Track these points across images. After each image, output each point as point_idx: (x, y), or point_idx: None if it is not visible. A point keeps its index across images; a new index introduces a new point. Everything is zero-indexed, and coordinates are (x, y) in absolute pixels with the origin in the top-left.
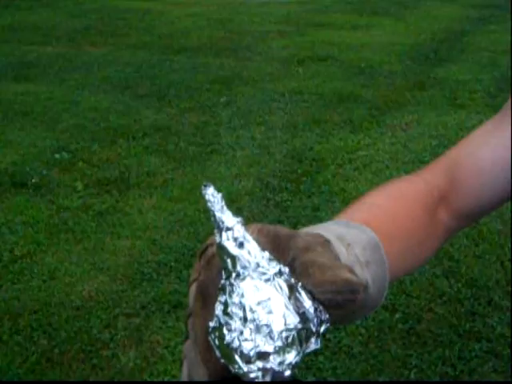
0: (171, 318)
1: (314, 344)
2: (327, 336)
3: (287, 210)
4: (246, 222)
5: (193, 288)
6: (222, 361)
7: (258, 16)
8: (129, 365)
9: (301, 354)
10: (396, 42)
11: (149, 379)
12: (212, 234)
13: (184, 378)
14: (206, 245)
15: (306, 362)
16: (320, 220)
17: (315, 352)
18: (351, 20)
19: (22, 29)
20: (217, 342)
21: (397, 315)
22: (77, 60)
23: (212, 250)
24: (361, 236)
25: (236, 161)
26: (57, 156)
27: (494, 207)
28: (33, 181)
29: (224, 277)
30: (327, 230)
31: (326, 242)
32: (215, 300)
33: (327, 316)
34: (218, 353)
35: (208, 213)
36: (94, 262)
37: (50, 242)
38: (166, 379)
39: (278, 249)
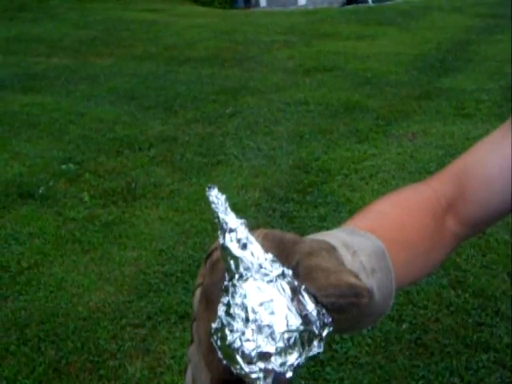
0: (178, 329)
1: (316, 347)
2: (334, 347)
3: (293, 220)
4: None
5: (197, 292)
6: (224, 362)
7: (263, 26)
8: (136, 375)
9: (303, 356)
10: (402, 52)
11: None
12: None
13: (188, 381)
14: (211, 250)
15: (313, 372)
16: (326, 230)
17: (322, 362)
18: (357, 30)
19: (28, 40)
20: (219, 342)
21: (404, 325)
22: (83, 71)
23: (217, 254)
24: (366, 243)
25: (242, 171)
26: (63, 167)
27: (501, 216)
28: (39, 192)
29: (227, 278)
30: (333, 236)
31: (332, 249)
32: (218, 304)
33: (330, 319)
34: (220, 354)
35: (214, 224)
36: (101, 272)
37: (57, 252)
38: None
39: (282, 254)
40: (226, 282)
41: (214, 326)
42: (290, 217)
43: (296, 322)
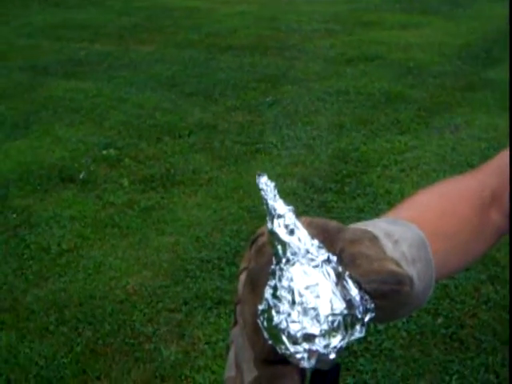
0: (213, 315)
1: (358, 332)
2: (368, 339)
3: (331, 210)
4: None
5: (242, 276)
6: (270, 342)
7: (305, 15)
8: (170, 359)
9: (346, 340)
10: (446, 42)
11: (189, 374)
12: (255, 231)
13: (230, 362)
14: (257, 234)
15: (347, 363)
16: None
17: (355, 353)
18: (400, 19)
19: (72, 27)
20: (265, 323)
21: (439, 320)
22: (125, 58)
23: (262, 239)
24: (408, 233)
25: (280, 160)
26: (104, 152)
27: None
28: (80, 176)
29: (274, 262)
30: (375, 226)
31: (374, 238)
32: (264, 287)
33: (372, 305)
34: (265, 334)
35: (251, 212)
36: (139, 257)
37: (96, 236)
38: (206, 374)
39: (326, 241)
40: (273, 266)
41: (260, 307)
42: (328, 207)
43: (340, 305)
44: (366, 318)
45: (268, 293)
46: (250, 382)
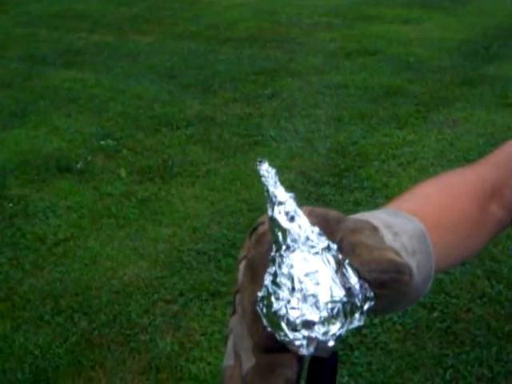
0: (209, 306)
1: (357, 320)
2: (363, 331)
3: (329, 204)
4: None
5: (242, 265)
6: (269, 329)
7: (305, 8)
8: (166, 350)
9: (345, 327)
10: (446, 37)
11: (184, 365)
12: (252, 223)
13: (229, 350)
14: (257, 223)
15: (341, 356)
16: None
17: (350, 346)
18: (401, 14)
19: (71, 17)
20: (264, 310)
21: (435, 314)
22: (123, 48)
23: (263, 228)
24: (408, 225)
25: (279, 153)
26: (102, 143)
27: None
28: (78, 166)
29: (274, 249)
30: (375, 217)
31: (374, 228)
32: (263, 275)
33: (372, 294)
34: (265, 321)
35: (249, 204)
36: (135, 247)
37: (93, 226)
38: (201, 366)
39: (326, 230)
40: (273, 253)
41: (260, 294)
42: (326, 200)
43: (340, 293)
44: (366, 307)
45: (268, 280)
46: (248, 371)
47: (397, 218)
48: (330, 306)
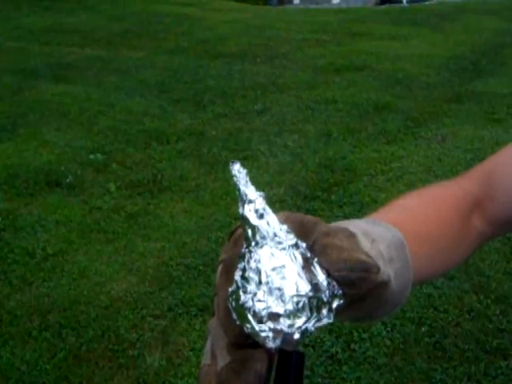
0: (198, 321)
1: (326, 317)
2: (352, 346)
3: None
4: None
5: (220, 267)
6: (238, 322)
7: (295, 24)
8: (154, 365)
9: (312, 322)
10: (434, 54)
11: (173, 380)
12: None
13: (207, 350)
14: (234, 227)
15: (330, 371)
16: None
17: (339, 361)
18: (389, 30)
19: (62, 31)
20: (233, 304)
21: (423, 328)
22: (114, 63)
23: (240, 230)
24: (386, 234)
25: (268, 168)
26: (91, 157)
27: None
28: (67, 180)
29: (244, 246)
30: (354, 225)
31: (351, 235)
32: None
33: (340, 292)
34: (234, 315)
35: (238, 219)
36: (124, 262)
37: (82, 241)
38: (190, 381)
39: (302, 233)
40: (243, 249)
41: (230, 289)
42: (315, 215)
43: (305, 287)
44: (334, 304)
45: (237, 275)
46: (222, 368)
47: (375, 227)
48: (295, 299)
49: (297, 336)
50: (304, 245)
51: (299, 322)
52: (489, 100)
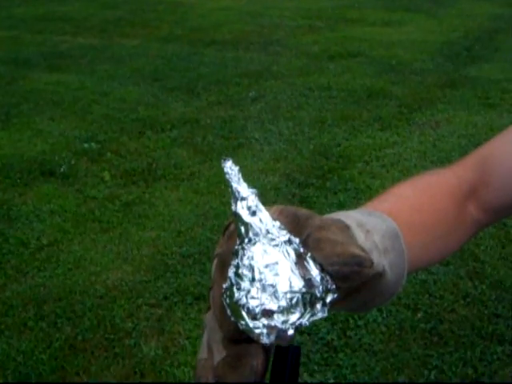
0: (193, 310)
1: (320, 312)
2: (348, 333)
3: (313, 206)
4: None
5: (215, 261)
6: (232, 318)
7: (289, 10)
8: (150, 354)
9: (306, 317)
10: (428, 40)
11: (169, 369)
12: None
13: (203, 344)
14: (229, 222)
15: (326, 358)
16: None
17: (335, 348)
18: (383, 16)
19: (55, 19)
20: (227, 300)
21: (419, 315)
22: (108, 51)
23: (234, 225)
24: (381, 225)
25: (263, 155)
26: (85, 146)
27: None
28: (61, 170)
29: (238, 242)
30: (348, 216)
31: (345, 227)
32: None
33: (334, 286)
34: (228, 311)
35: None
36: (119, 251)
37: (77, 230)
38: (186, 370)
39: (296, 227)
40: (236, 246)
41: (224, 286)
42: (309, 202)
43: (299, 283)
44: (328, 299)
45: (231, 272)
46: (218, 362)
47: (370, 218)
48: (288, 295)
49: (291, 332)
50: (297, 240)
51: (293, 317)
52: (482, 85)
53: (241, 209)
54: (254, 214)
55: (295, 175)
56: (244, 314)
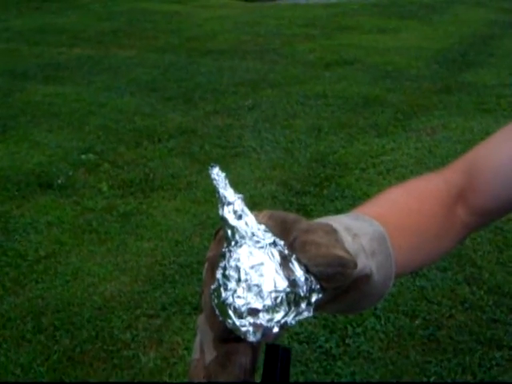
0: (192, 320)
1: (306, 311)
2: (346, 341)
3: (310, 214)
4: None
5: (206, 265)
6: (220, 318)
7: (284, 19)
8: (149, 365)
9: (290, 316)
10: (423, 46)
11: (168, 380)
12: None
13: (196, 346)
14: (220, 226)
15: (325, 366)
16: None
17: (333, 356)
18: (378, 23)
19: (52, 31)
20: (215, 300)
21: (417, 321)
22: (104, 62)
23: None
24: (368, 228)
25: (260, 164)
26: (83, 157)
27: None
28: (59, 181)
29: (225, 245)
30: (336, 221)
31: (333, 231)
32: None
33: (318, 286)
34: (217, 311)
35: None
36: (117, 262)
37: (74, 242)
38: (185, 380)
39: (284, 232)
40: (223, 249)
41: (212, 287)
42: (307, 210)
43: (283, 283)
44: (313, 298)
45: (219, 273)
46: (209, 362)
47: (357, 222)
48: (273, 295)
49: (276, 330)
50: (282, 243)
51: (278, 316)
52: (478, 91)
53: (227, 213)
54: (240, 217)
55: (292, 183)
56: (231, 312)
